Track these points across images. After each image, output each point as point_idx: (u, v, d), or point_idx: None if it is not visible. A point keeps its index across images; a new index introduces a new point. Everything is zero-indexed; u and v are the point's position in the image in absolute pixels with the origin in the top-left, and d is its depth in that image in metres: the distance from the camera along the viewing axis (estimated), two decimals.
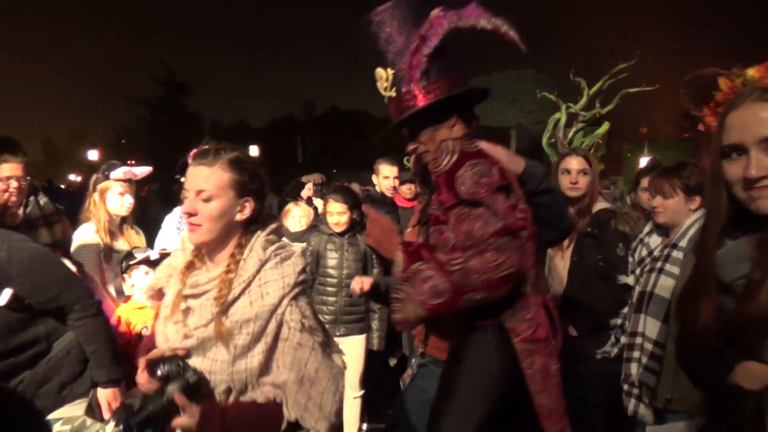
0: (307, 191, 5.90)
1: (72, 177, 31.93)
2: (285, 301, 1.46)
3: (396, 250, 1.64)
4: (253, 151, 23.80)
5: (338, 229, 3.52)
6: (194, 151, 2.00)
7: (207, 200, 1.45)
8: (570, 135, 8.84)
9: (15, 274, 1.92)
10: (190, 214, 1.46)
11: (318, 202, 4.56)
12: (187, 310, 1.49)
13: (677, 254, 2.37)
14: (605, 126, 8.98)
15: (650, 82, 9.39)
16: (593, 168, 2.85)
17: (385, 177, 4.73)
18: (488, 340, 1.64)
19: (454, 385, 1.65)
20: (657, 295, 2.36)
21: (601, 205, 2.86)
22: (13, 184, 2.44)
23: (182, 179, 2.14)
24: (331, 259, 3.53)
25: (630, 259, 2.71)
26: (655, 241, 2.59)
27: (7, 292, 1.93)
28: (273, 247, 1.53)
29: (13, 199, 2.47)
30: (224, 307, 1.44)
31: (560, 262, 2.89)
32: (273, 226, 1.58)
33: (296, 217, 4.27)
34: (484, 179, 1.53)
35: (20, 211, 2.62)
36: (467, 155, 1.57)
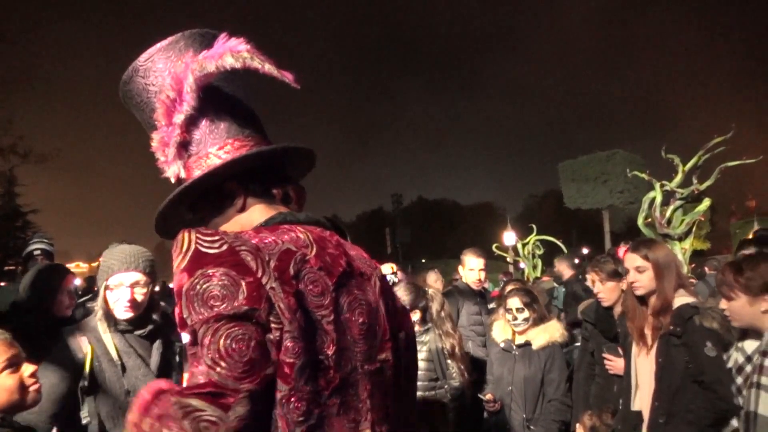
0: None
1: None
2: None
3: None
4: None
5: None
6: None
7: None
8: (668, 213, 8.45)
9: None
10: None
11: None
12: None
13: None
14: (706, 202, 8.49)
15: (752, 154, 8.94)
16: (655, 261, 2.62)
17: (471, 269, 4.53)
18: None
19: None
20: (762, 417, 2.01)
21: (681, 299, 2.58)
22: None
23: None
24: None
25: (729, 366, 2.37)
26: (750, 345, 2.28)
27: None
28: None
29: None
30: None
31: (645, 365, 2.62)
32: None
33: None
34: (212, 301, 0.90)
35: None
36: (200, 258, 0.93)
